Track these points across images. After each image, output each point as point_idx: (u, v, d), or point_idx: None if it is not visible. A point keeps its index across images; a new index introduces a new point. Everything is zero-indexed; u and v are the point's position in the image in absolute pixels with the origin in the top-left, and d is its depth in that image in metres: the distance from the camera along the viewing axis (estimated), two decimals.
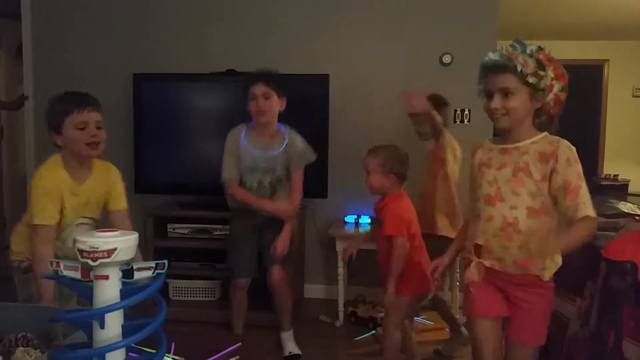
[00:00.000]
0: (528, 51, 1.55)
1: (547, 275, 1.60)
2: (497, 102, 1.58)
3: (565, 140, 1.58)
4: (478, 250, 1.64)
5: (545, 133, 1.61)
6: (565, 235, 1.52)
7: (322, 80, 3.13)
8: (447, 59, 3.29)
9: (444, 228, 2.64)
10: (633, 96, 6.18)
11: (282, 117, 3.17)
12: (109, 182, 1.89)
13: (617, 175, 5.84)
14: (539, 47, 1.58)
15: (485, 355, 1.68)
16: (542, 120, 1.62)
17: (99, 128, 1.77)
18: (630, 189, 5.67)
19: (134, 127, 3.30)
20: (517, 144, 1.61)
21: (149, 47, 3.49)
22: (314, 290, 3.47)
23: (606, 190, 5.46)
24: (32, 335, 1.22)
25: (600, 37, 5.83)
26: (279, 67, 3.26)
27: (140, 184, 3.24)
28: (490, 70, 1.60)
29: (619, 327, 1.67)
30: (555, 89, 1.56)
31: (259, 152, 2.56)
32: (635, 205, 2.32)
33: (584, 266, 1.77)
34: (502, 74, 1.56)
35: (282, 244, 2.54)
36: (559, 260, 1.62)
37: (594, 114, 6.20)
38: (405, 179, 2.23)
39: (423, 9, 3.31)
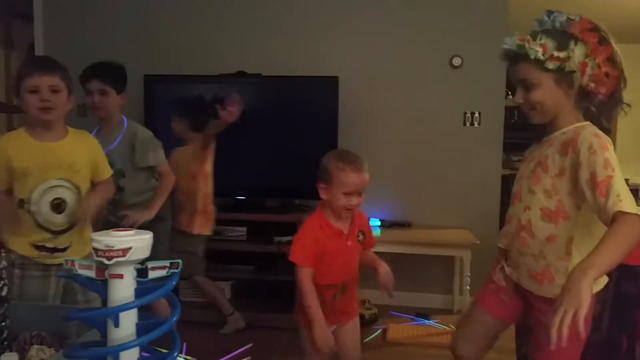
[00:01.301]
0: (552, 26, 1.37)
1: None
2: (519, 96, 1.41)
3: (591, 126, 1.36)
4: (503, 253, 1.51)
5: (583, 123, 1.39)
6: (595, 251, 1.16)
7: (331, 83, 3.13)
8: (457, 61, 3.29)
9: (200, 226, 2.76)
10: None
11: (292, 119, 3.19)
12: (90, 149, 1.87)
13: (628, 179, 5.79)
14: (568, 17, 1.38)
15: (468, 333, 1.60)
16: (593, 104, 1.38)
17: (53, 92, 1.73)
18: None
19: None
20: (549, 136, 1.42)
21: (160, 49, 3.51)
22: None
23: None
24: (45, 334, 1.23)
25: (613, 39, 5.78)
26: (288, 69, 3.30)
27: None
28: (508, 59, 1.44)
29: (631, 332, 1.66)
30: (590, 67, 1.33)
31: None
32: None
33: None
34: (518, 63, 1.40)
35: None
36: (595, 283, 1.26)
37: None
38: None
39: (433, 11, 3.30)
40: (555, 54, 1.33)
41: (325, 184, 1.75)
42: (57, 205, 1.76)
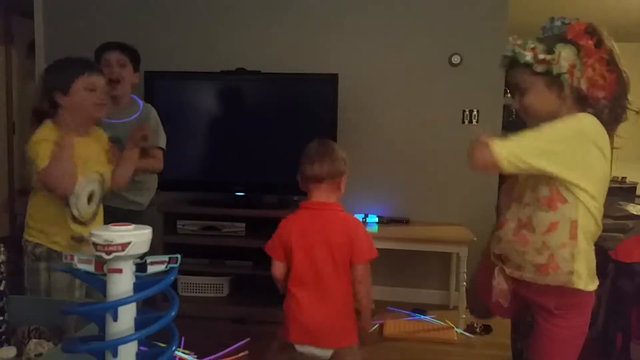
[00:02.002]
0: (551, 32, 1.38)
1: (581, 282, 1.32)
2: (515, 102, 1.43)
3: (584, 114, 1.35)
4: (498, 258, 1.48)
5: None
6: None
7: (331, 80, 3.13)
8: (456, 59, 3.29)
9: None
10: None
11: (291, 116, 3.19)
12: (103, 143, 1.93)
13: (625, 177, 5.80)
14: (563, 21, 1.40)
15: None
16: (599, 111, 1.36)
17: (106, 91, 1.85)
18: (639, 191, 5.62)
19: None
20: None
21: (160, 46, 3.51)
22: None
23: (614, 192, 5.41)
24: (44, 328, 1.24)
25: (613, 42, 5.79)
26: (288, 66, 3.31)
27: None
28: (504, 65, 1.45)
29: (626, 329, 1.67)
30: (578, 68, 1.33)
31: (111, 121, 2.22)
32: None
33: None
34: (512, 68, 1.42)
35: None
36: (594, 270, 1.37)
37: None
38: (308, 179, 1.78)
39: (433, 9, 3.31)
40: (542, 56, 1.34)
41: None
42: (90, 197, 1.83)
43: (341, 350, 1.68)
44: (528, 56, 1.35)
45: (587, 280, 1.34)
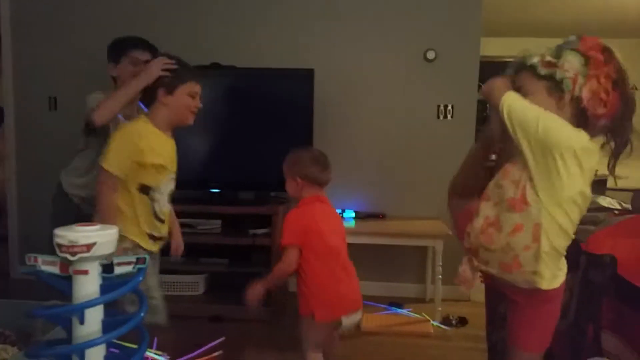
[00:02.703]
0: (554, 49, 1.37)
1: (544, 282, 1.35)
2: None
3: None
4: (468, 250, 1.49)
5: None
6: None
7: (306, 75, 3.11)
8: (431, 54, 3.30)
9: None
10: None
11: (267, 111, 3.16)
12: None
13: (596, 170, 5.94)
14: (578, 36, 1.37)
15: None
16: (589, 126, 1.34)
17: None
18: (609, 184, 5.76)
19: None
20: None
21: None
22: None
23: None
24: (10, 332, 1.20)
25: (583, 34, 5.91)
26: (263, 61, 3.28)
27: None
28: (513, 69, 1.43)
29: (597, 320, 1.70)
30: (582, 75, 1.30)
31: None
32: (614, 200, 2.36)
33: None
34: (518, 72, 1.40)
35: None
36: (563, 266, 1.39)
37: None
38: (321, 183, 2.00)
39: (407, 5, 3.31)
40: (548, 59, 1.34)
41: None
42: (169, 196, 1.92)
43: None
44: (535, 58, 1.35)
45: (550, 281, 1.36)
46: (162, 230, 1.92)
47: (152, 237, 1.88)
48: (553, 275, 1.36)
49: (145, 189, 1.82)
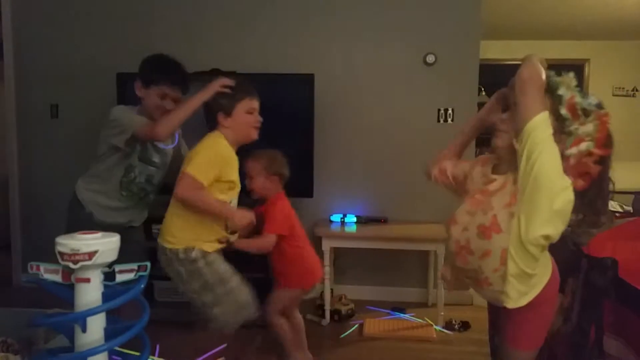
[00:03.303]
0: (586, 100, 1.34)
1: (510, 302, 1.40)
2: (508, 115, 1.41)
3: None
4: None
5: None
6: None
7: (307, 80, 3.12)
8: (430, 58, 3.31)
9: None
10: (613, 95, 6.27)
11: (267, 116, 3.16)
12: None
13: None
14: (599, 104, 1.36)
15: None
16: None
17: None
18: (610, 187, 5.76)
19: None
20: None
21: (133, 47, 3.44)
22: None
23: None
24: (12, 340, 1.20)
25: (581, 37, 5.90)
26: (264, 66, 3.29)
27: None
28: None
29: (599, 323, 1.70)
30: (583, 146, 1.32)
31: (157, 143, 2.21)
32: (617, 203, 2.36)
33: (566, 263, 1.79)
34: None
35: None
36: (538, 281, 1.41)
37: None
38: (286, 181, 2.32)
39: (407, 9, 3.32)
40: (577, 104, 1.32)
41: None
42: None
43: None
44: (567, 93, 1.33)
45: (516, 300, 1.40)
46: (231, 239, 2.05)
47: (223, 242, 2.03)
48: (520, 293, 1.40)
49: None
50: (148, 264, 0.97)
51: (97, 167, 2.19)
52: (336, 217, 3.30)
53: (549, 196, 1.26)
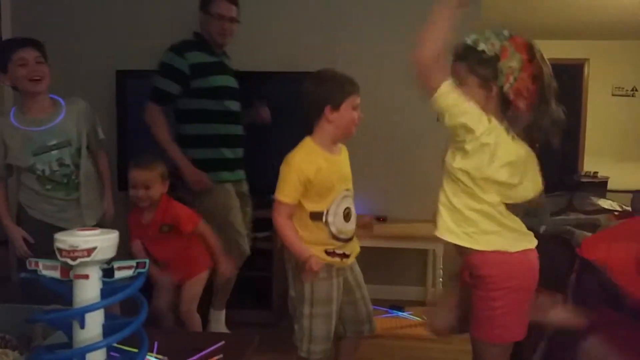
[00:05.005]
0: (499, 36, 1.50)
1: (438, 231, 1.60)
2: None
3: None
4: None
5: None
6: None
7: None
8: None
9: None
10: (612, 95, 6.28)
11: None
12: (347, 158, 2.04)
13: (597, 172, 5.93)
14: (504, 33, 1.51)
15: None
16: (510, 115, 1.52)
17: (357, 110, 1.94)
18: (610, 186, 5.77)
19: (117, 124, 3.26)
20: None
21: (132, 44, 3.45)
22: None
23: (586, 187, 5.55)
24: (10, 337, 1.20)
25: (581, 36, 5.91)
26: (265, 65, 3.28)
27: (123, 181, 3.20)
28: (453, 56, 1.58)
29: (590, 325, 1.70)
30: (512, 78, 1.47)
31: (40, 129, 2.19)
32: (615, 202, 2.36)
33: (561, 264, 1.80)
34: (454, 62, 1.57)
35: None
36: (479, 238, 1.54)
37: (575, 112, 6.29)
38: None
39: (407, 8, 3.32)
40: (487, 52, 1.49)
41: None
42: (347, 215, 1.91)
43: None
44: (483, 46, 1.49)
45: (442, 230, 1.59)
46: (347, 248, 1.93)
47: (336, 255, 1.90)
48: (448, 228, 1.56)
49: (315, 216, 1.86)
50: (147, 261, 0.97)
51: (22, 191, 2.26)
52: None
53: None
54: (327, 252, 1.88)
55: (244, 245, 2.64)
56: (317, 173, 1.82)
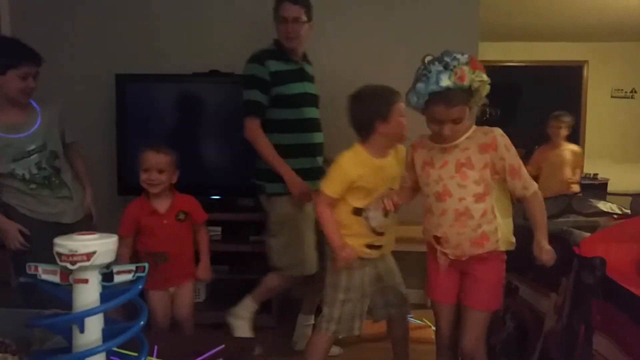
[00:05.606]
0: (464, 61, 1.76)
1: (502, 245, 1.82)
2: (448, 129, 1.75)
3: (496, 129, 1.80)
4: (438, 240, 1.87)
5: (474, 126, 1.82)
6: (538, 226, 1.76)
7: None
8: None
9: None
10: (611, 97, 6.29)
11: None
12: (400, 160, 2.11)
13: (597, 174, 5.93)
14: (463, 55, 1.80)
15: (442, 327, 1.98)
16: (476, 113, 1.84)
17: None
18: (609, 188, 5.76)
19: (116, 128, 3.27)
20: (455, 142, 1.80)
21: (132, 48, 3.46)
22: None
23: (586, 189, 5.55)
24: (10, 341, 1.20)
25: (580, 38, 5.92)
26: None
27: (123, 185, 3.21)
28: (442, 99, 1.72)
29: (588, 322, 1.71)
30: (483, 90, 1.77)
31: (19, 136, 2.20)
32: (615, 205, 2.36)
33: (559, 263, 1.80)
34: (455, 106, 1.71)
35: None
36: (511, 238, 1.84)
37: (574, 114, 6.29)
38: None
39: (404, 10, 3.33)
40: (471, 83, 1.74)
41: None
42: (386, 212, 2.02)
43: None
44: (477, 84, 1.76)
45: (504, 243, 1.83)
46: (381, 241, 2.09)
47: (374, 247, 2.08)
48: (508, 241, 1.85)
49: (357, 211, 2.02)
50: (146, 265, 0.97)
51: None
52: None
53: None
54: (367, 245, 2.05)
55: (308, 260, 2.55)
56: (360, 178, 1.97)
